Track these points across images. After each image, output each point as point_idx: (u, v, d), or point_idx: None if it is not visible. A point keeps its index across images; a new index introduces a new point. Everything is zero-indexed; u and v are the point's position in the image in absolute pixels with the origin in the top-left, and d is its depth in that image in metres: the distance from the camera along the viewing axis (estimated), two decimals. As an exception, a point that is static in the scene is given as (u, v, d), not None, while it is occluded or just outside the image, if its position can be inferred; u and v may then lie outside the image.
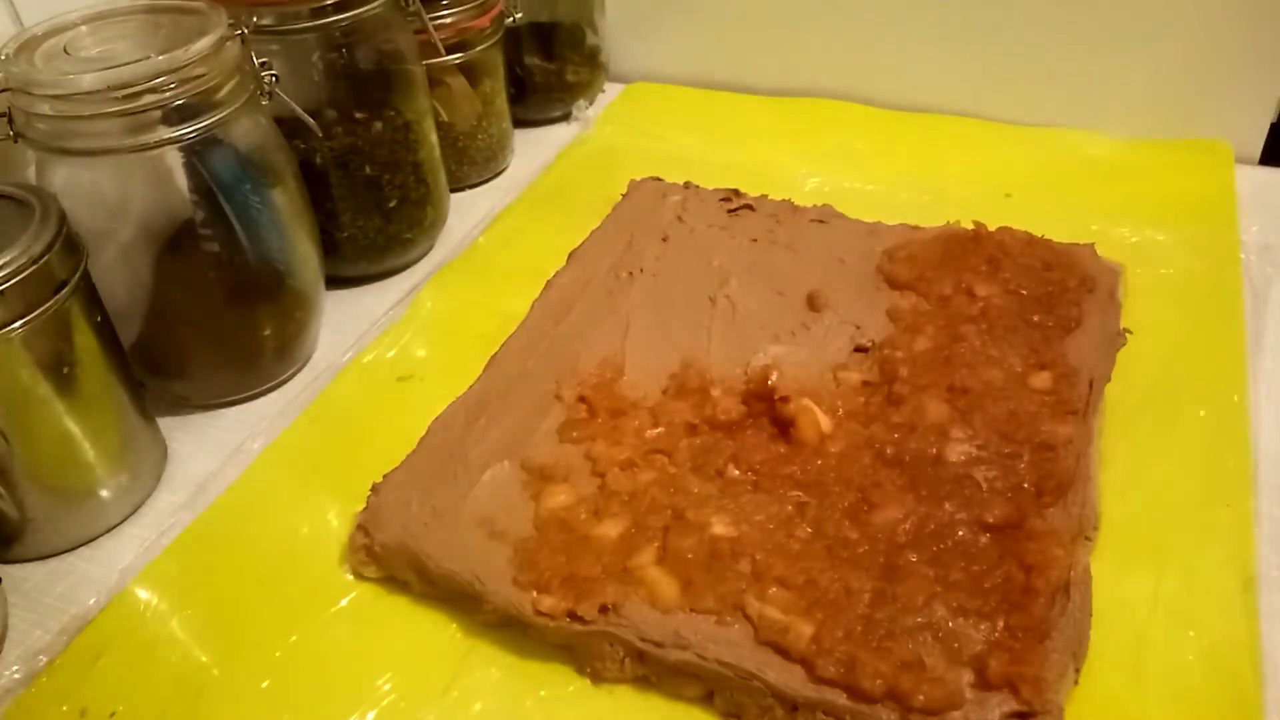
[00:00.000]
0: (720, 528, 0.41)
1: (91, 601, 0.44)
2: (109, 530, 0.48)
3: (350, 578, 0.44)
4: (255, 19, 0.53)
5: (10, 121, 0.45)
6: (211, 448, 0.52)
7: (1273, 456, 0.46)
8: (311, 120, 0.55)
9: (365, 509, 0.44)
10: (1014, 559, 0.39)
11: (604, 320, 0.55)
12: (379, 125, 0.60)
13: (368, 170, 0.60)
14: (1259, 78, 0.67)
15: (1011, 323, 0.51)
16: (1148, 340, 0.51)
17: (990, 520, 0.41)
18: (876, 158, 0.72)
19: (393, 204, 0.62)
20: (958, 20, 0.74)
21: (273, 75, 0.51)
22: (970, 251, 0.56)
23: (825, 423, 0.46)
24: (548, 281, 0.59)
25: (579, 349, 0.53)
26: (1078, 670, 0.37)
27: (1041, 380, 0.48)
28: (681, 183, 0.67)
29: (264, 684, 0.40)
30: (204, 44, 0.45)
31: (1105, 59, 0.70)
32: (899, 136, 0.75)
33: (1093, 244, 0.57)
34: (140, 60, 0.44)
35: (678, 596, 0.39)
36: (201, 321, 0.52)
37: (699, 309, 0.55)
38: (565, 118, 0.83)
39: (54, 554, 0.47)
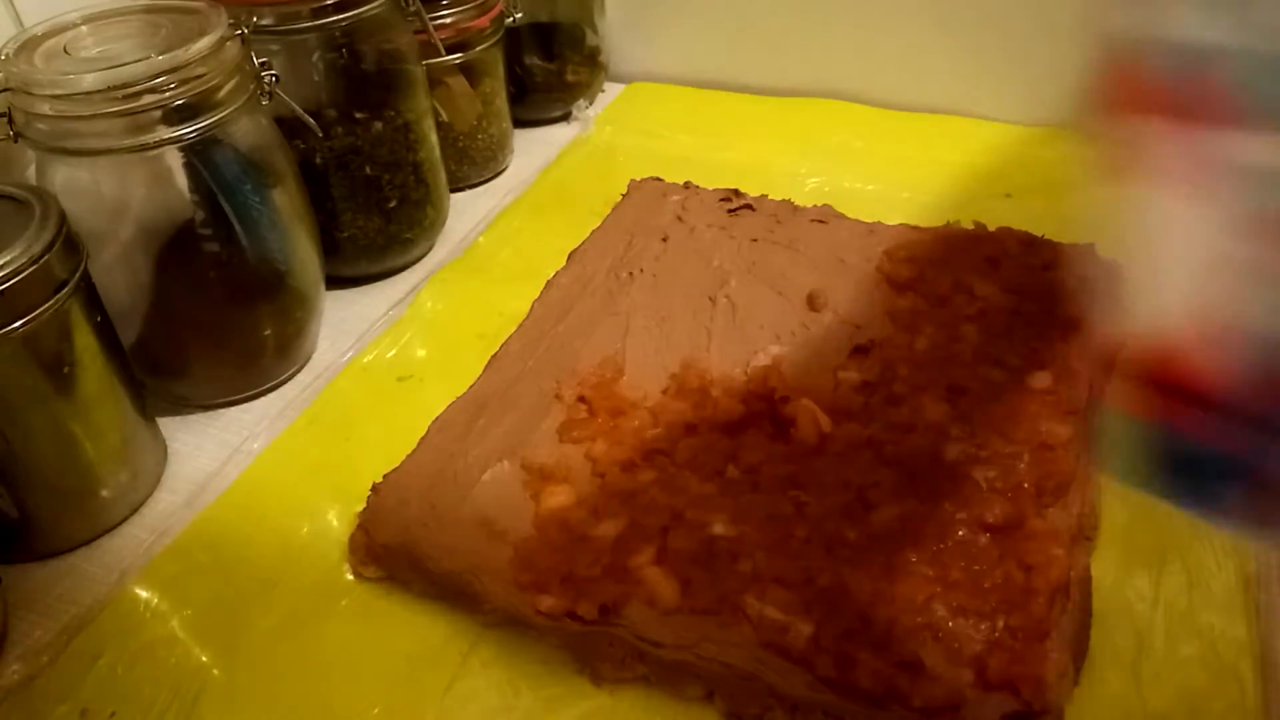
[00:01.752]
0: (720, 527, 0.41)
1: (91, 601, 0.44)
2: (109, 530, 0.48)
3: (350, 578, 0.44)
4: (255, 19, 0.53)
5: (10, 121, 0.45)
6: (211, 447, 0.52)
7: (1273, 456, 0.46)
8: (311, 120, 0.55)
9: (365, 509, 0.44)
10: (1014, 559, 0.39)
11: (604, 320, 0.55)
12: (379, 125, 0.60)
13: (368, 170, 0.60)
14: (1259, 78, 0.67)
15: (1011, 322, 0.51)
16: (1148, 340, 0.51)
17: (990, 520, 0.41)
18: (876, 158, 0.72)
19: (393, 204, 0.62)
20: (958, 20, 0.74)
21: (273, 75, 0.51)
22: (970, 251, 0.56)
23: (825, 422, 0.46)
24: (548, 281, 0.59)
25: (579, 349, 0.53)
26: (1078, 670, 0.37)
27: (1041, 380, 0.48)
28: (681, 183, 0.67)
29: (264, 684, 0.40)
30: (204, 44, 0.45)
31: (1105, 59, 0.70)
32: (899, 136, 0.75)
33: (1093, 244, 0.57)
34: (140, 60, 0.44)
35: (677, 596, 0.39)
36: (202, 321, 0.52)
37: (699, 309, 0.55)
38: (565, 118, 0.83)
39: (54, 554, 0.47)
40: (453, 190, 0.70)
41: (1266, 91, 0.13)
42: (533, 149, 0.79)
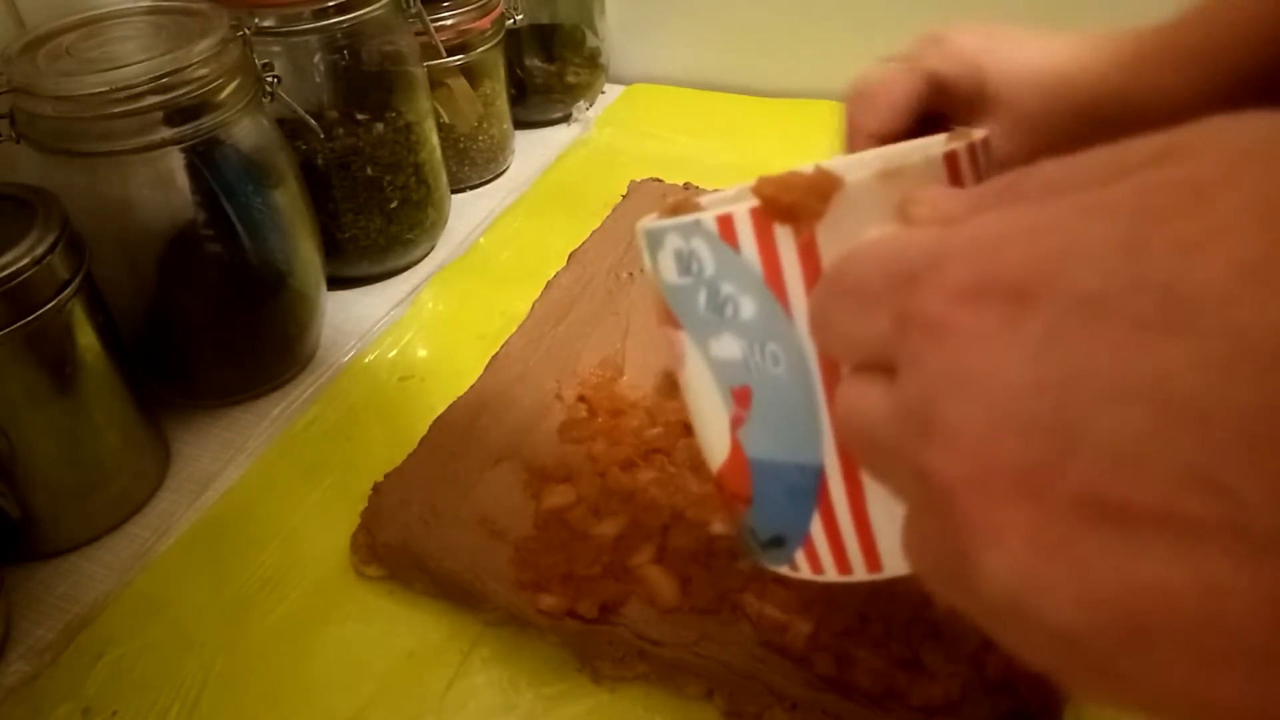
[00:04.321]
0: (719, 526, 0.41)
1: (94, 600, 0.44)
2: (111, 529, 0.48)
3: (351, 577, 0.44)
4: (257, 20, 0.54)
5: (13, 122, 0.45)
6: (213, 447, 0.52)
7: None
8: (313, 121, 0.55)
9: (367, 508, 0.45)
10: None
11: (604, 320, 0.55)
12: (380, 126, 0.60)
13: (369, 171, 0.60)
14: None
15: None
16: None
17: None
18: (876, 159, 0.73)
19: (394, 205, 0.62)
20: (957, 22, 0.74)
21: (274, 76, 0.51)
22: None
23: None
24: (548, 282, 0.59)
25: (579, 349, 0.53)
26: (1076, 669, 0.37)
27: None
28: (681, 184, 0.67)
29: (266, 682, 0.40)
30: (206, 45, 0.46)
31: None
32: (899, 137, 0.75)
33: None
34: (143, 61, 0.44)
35: (677, 595, 0.39)
36: (204, 322, 0.52)
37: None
38: (566, 119, 0.83)
39: (56, 553, 0.47)
40: (454, 191, 0.70)
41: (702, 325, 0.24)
42: (533, 150, 0.79)
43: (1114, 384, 0.15)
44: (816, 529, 0.24)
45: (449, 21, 0.67)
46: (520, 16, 0.76)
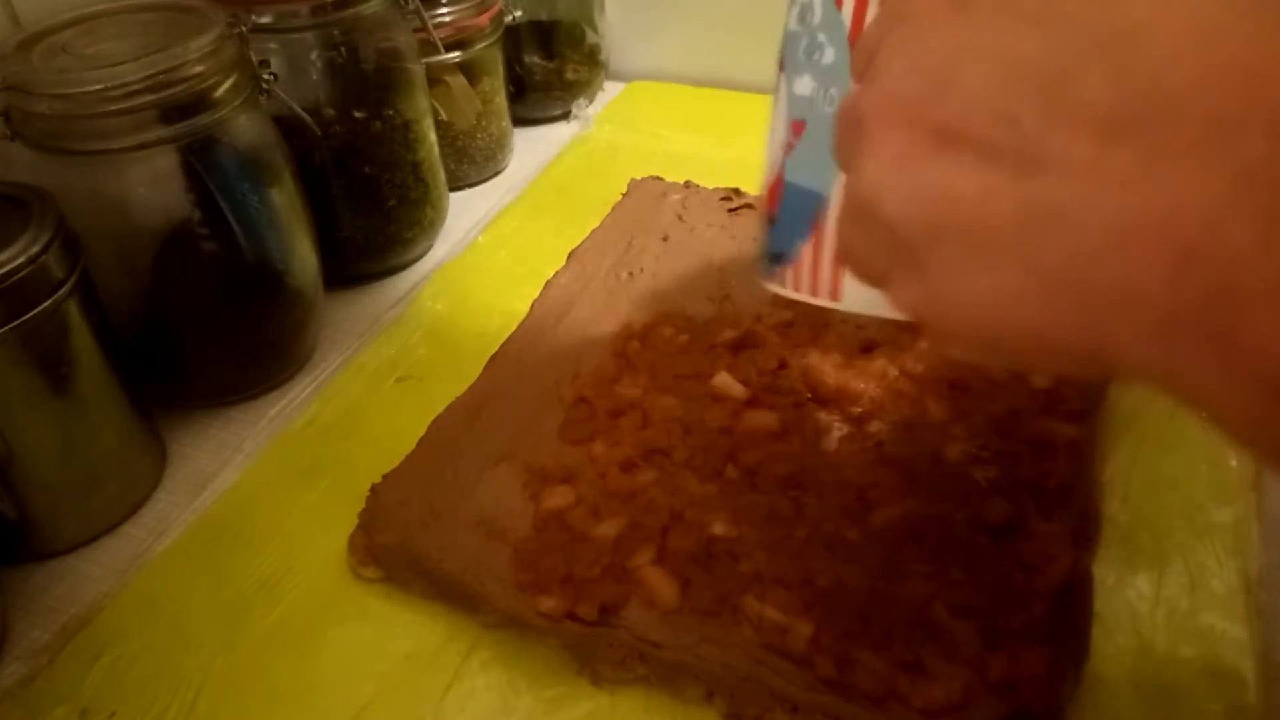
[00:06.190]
0: (720, 527, 0.41)
1: (91, 602, 0.44)
2: (108, 530, 0.48)
3: (349, 578, 0.44)
4: (254, 17, 0.53)
5: (8, 121, 0.45)
6: (211, 448, 0.52)
7: (1274, 456, 0.46)
8: (310, 119, 0.55)
9: (365, 509, 0.44)
10: (1014, 559, 0.39)
11: (604, 320, 0.55)
12: (378, 124, 0.59)
13: (367, 169, 0.60)
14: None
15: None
16: (1148, 339, 0.51)
17: (990, 520, 0.41)
18: (877, 156, 0.72)
19: (392, 203, 0.62)
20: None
21: (271, 74, 0.51)
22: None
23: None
24: (548, 281, 0.59)
25: (579, 349, 0.52)
26: (1078, 671, 0.37)
27: (1042, 379, 0.48)
28: (682, 181, 0.67)
29: (263, 684, 0.40)
30: (202, 43, 0.45)
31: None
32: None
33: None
34: (139, 59, 0.44)
35: (677, 597, 0.39)
36: (200, 321, 0.52)
37: (699, 309, 0.55)
38: (565, 116, 0.83)
39: (53, 554, 0.47)
40: (452, 189, 0.70)
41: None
42: (532, 148, 0.79)
43: (985, 50, 0.21)
44: (807, 251, 0.31)
45: (447, 18, 0.67)
46: (519, 13, 0.75)
